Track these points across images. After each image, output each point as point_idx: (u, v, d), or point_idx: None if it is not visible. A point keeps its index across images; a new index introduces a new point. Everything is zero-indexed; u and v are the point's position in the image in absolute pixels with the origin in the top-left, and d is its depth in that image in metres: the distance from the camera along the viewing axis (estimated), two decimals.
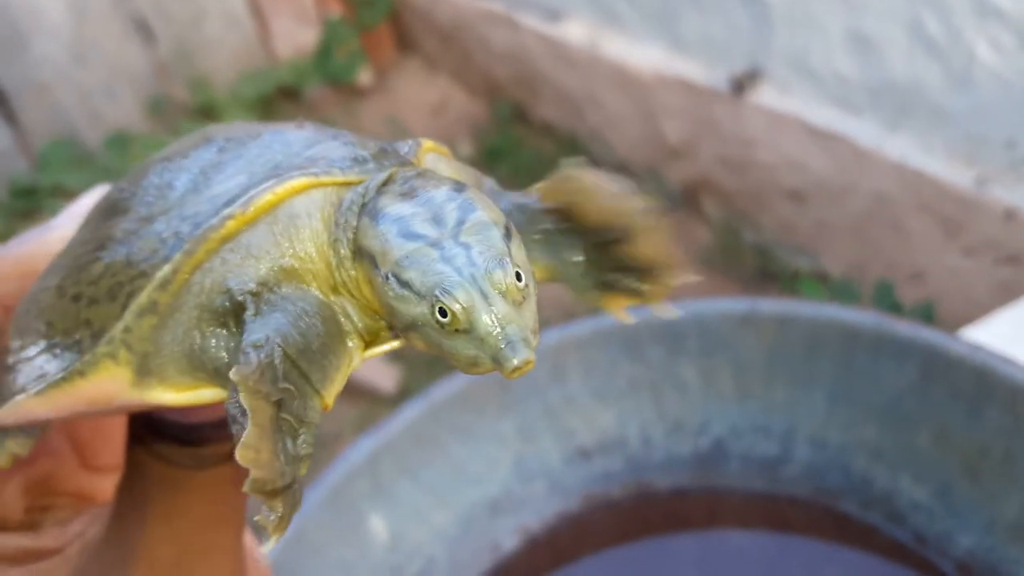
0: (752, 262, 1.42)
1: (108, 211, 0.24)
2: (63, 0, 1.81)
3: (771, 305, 0.62)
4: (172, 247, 0.21)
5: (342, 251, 0.21)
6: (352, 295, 0.21)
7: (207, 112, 1.99)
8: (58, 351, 0.22)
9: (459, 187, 0.21)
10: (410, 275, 0.19)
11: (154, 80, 1.95)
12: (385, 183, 0.21)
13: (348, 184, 0.22)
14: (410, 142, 0.24)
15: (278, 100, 2.05)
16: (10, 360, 0.24)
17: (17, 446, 0.25)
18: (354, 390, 1.43)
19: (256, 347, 0.19)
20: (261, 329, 0.20)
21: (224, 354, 0.21)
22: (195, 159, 0.24)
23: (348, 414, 1.41)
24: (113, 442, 0.30)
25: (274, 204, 0.21)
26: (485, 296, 0.19)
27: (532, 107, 1.80)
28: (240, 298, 0.21)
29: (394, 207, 0.20)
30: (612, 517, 0.64)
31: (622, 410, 0.65)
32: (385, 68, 2.11)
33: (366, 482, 0.59)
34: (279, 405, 0.19)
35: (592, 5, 1.57)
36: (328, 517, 0.57)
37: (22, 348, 0.24)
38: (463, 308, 0.19)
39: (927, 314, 0.93)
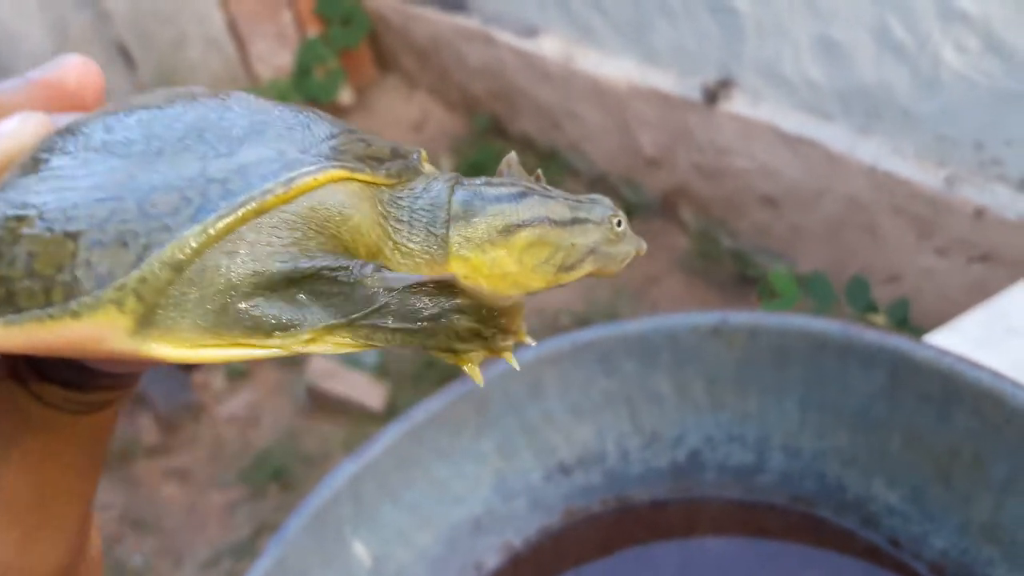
0: (730, 267, 1.43)
1: (92, 147, 0.23)
2: (43, 27, 1.81)
3: (740, 316, 0.62)
4: (200, 208, 0.22)
5: (456, 248, 0.25)
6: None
7: None
8: (37, 284, 0.21)
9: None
10: (581, 214, 0.26)
11: None
12: (452, 189, 0.26)
13: (377, 184, 0.25)
14: (414, 151, 0.27)
15: None
16: None
17: None
18: (341, 408, 1.43)
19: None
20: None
21: (273, 317, 0.22)
22: (206, 118, 0.24)
23: (336, 433, 1.42)
24: None
25: (311, 188, 0.23)
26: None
27: (510, 121, 1.81)
28: (306, 269, 0.22)
29: (506, 197, 0.26)
30: (593, 531, 0.64)
31: (599, 425, 0.65)
32: (365, 86, 2.12)
33: (348, 506, 0.59)
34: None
35: (566, 20, 1.58)
36: (311, 543, 0.57)
37: None
38: (622, 218, 0.27)
39: (901, 315, 0.94)
